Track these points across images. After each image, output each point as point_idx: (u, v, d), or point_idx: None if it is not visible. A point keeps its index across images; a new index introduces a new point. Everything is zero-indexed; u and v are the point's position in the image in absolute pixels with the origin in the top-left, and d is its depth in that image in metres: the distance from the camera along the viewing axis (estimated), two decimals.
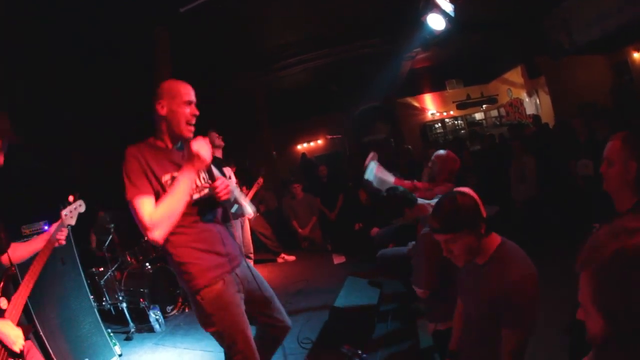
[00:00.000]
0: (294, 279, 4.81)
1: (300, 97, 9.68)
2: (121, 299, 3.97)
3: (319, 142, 11.39)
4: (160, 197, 1.68)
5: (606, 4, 6.37)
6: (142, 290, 4.10)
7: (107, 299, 4.14)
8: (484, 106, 11.29)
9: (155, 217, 1.62)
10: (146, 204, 1.64)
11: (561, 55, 7.96)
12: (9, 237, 1.91)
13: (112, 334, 3.44)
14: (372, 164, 3.09)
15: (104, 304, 4.12)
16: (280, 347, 2.27)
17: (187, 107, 1.80)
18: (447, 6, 5.29)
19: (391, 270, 3.36)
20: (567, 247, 0.85)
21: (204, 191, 1.82)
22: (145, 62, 5.16)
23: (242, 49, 6.89)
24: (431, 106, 11.39)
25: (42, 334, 2.79)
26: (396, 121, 10.95)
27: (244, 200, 1.95)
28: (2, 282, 1.73)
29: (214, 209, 1.86)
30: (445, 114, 11.37)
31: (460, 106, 11.27)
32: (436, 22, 5.56)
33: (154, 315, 3.85)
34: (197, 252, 1.75)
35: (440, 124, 11.46)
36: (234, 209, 1.90)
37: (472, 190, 1.61)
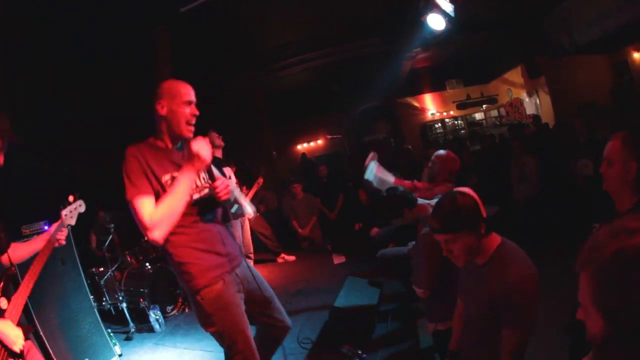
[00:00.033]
0: (294, 279, 4.80)
1: (300, 97, 9.68)
2: (121, 299, 3.97)
3: (319, 142, 11.39)
4: (160, 197, 1.68)
5: (606, 4, 6.37)
6: (142, 290, 4.10)
7: (107, 299, 4.14)
8: (484, 106, 11.29)
9: (155, 217, 1.62)
10: (146, 204, 1.64)
11: (561, 55, 7.96)
12: (9, 237, 1.91)
13: (112, 334, 3.44)
14: (372, 164, 3.10)
15: (104, 304, 4.12)
16: (280, 347, 2.27)
17: (187, 107, 1.79)
18: (447, 6, 5.29)
19: (391, 270, 3.36)
20: (567, 247, 0.85)
21: (204, 191, 1.82)
22: (145, 62, 5.16)
23: (242, 49, 6.89)
24: (431, 106, 11.39)
25: (42, 333, 2.79)
26: (396, 121, 10.95)
27: (244, 200, 1.95)
28: (2, 282, 1.73)
29: (214, 209, 1.86)
30: (445, 114, 11.37)
31: (460, 106, 11.27)
32: (436, 22, 5.57)
33: (154, 315, 3.86)
34: (197, 252, 1.75)
35: (440, 124, 11.46)
36: (234, 209, 1.90)
37: (472, 190, 1.61)
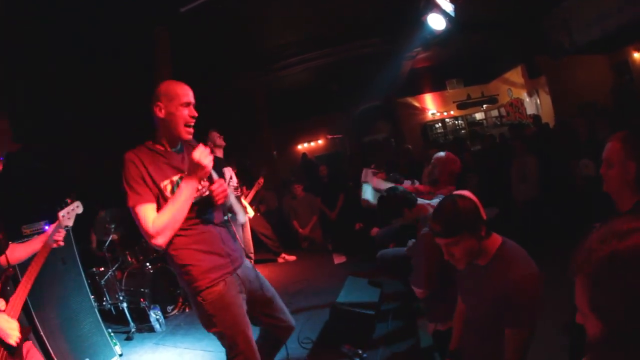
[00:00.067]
0: (295, 279, 4.80)
1: (300, 97, 9.67)
2: (122, 298, 3.97)
3: (320, 142, 11.38)
4: (160, 201, 1.68)
5: (606, 4, 6.36)
6: (142, 290, 4.10)
7: (108, 298, 4.14)
8: (485, 106, 11.28)
9: (158, 224, 1.63)
10: (148, 211, 1.65)
11: (561, 55, 7.95)
12: (7, 237, 1.91)
13: (112, 334, 3.45)
14: (364, 186, 3.09)
15: (104, 303, 4.12)
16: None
17: (185, 108, 1.76)
18: (447, 6, 5.29)
19: (391, 270, 3.36)
20: (568, 247, 0.85)
21: (204, 192, 1.82)
22: (145, 62, 5.16)
23: (242, 49, 6.88)
24: (431, 106, 11.38)
25: (42, 333, 2.80)
26: (396, 121, 10.95)
27: (238, 208, 1.95)
28: (0, 283, 1.73)
29: (212, 209, 1.86)
30: (445, 113, 11.35)
31: (460, 106, 11.26)
32: (436, 22, 5.57)
33: (155, 315, 3.86)
34: (198, 254, 1.75)
35: (440, 124, 11.44)
36: (226, 217, 1.90)
37: (473, 191, 1.62)
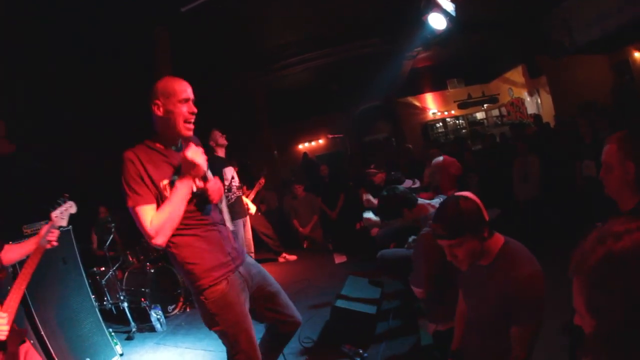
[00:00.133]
0: (295, 279, 4.80)
1: (300, 97, 9.67)
2: (122, 298, 3.97)
3: (320, 141, 11.38)
4: (159, 201, 1.68)
5: (606, 4, 6.36)
6: (143, 289, 4.11)
7: (109, 298, 4.14)
8: (485, 105, 11.28)
9: (156, 224, 1.63)
10: (148, 211, 1.64)
11: (562, 55, 7.95)
12: (3, 239, 1.90)
13: (113, 334, 3.45)
14: (365, 213, 3.10)
15: (105, 303, 4.12)
16: None
17: (183, 105, 1.73)
18: (448, 5, 5.29)
19: (391, 270, 3.36)
20: (568, 247, 0.85)
21: (200, 191, 1.81)
22: (145, 62, 5.16)
23: (242, 49, 6.89)
24: (432, 105, 11.38)
25: (43, 333, 2.80)
26: (397, 121, 10.95)
27: (226, 213, 1.95)
28: None
29: (212, 208, 1.86)
30: (446, 113, 11.36)
31: (461, 105, 11.26)
32: (437, 22, 5.57)
33: (155, 314, 3.86)
34: (201, 252, 1.75)
35: (441, 124, 11.44)
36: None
37: (473, 191, 1.62)
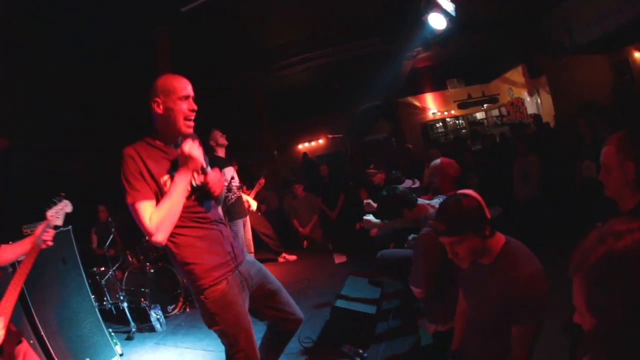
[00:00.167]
0: (295, 279, 4.80)
1: (301, 96, 9.68)
2: (122, 298, 3.97)
3: (320, 141, 11.39)
4: (159, 197, 1.67)
5: (606, 4, 6.36)
6: (143, 289, 4.11)
7: (108, 298, 4.14)
8: (485, 105, 11.28)
9: (155, 220, 1.61)
10: (147, 208, 1.63)
11: (561, 55, 7.95)
12: (1, 238, 1.90)
13: (113, 334, 3.45)
14: (366, 215, 3.14)
15: (105, 303, 4.12)
16: None
17: (183, 102, 1.72)
18: (448, 5, 5.29)
19: (391, 271, 3.36)
20: (568, 247, 0.85)
21: (199, 185, 1.81)
22: (145, 62, 5.16)
23: (242, 49, 6.88)
24: (432, 105, 11.38)
25: (43, 333, 2.80)
26: (397, 120, 10.95)
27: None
28: None
29: (212, 205, 1.86)
30: (446, 113, 11.36)
31: (461, 105, 11.26)
32: (437, 22, 5.57)
33: (155, 314, 3.86)
34: (201, 252, 1.75)
35: (441, 124, 11.45)
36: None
37: (475, 191, 1.62)
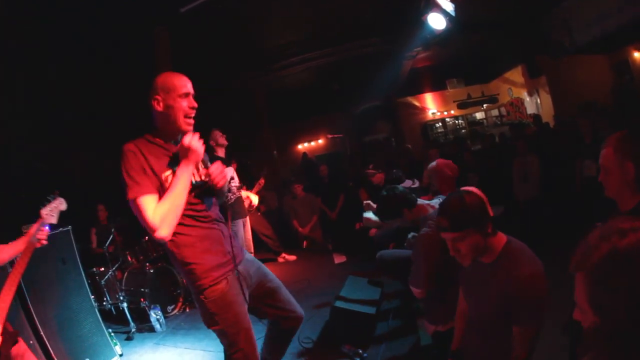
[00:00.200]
0: (295, 279, 4.80)
1: (301, 96, 9.67)
2: (122, 298, 3.97)
3: (320, 141, 11.38)
4: (161, 193, 1.66)
5: (606, 4, 6.36)
6: (142, 290, 4.10)
7: (108, 298, 4.14)
8: (485, 105, 11.27)
9: (158, 214, 1.59)
10: (150, 203, 1.61)
11: (561, 55, 7.95)
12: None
13: (112, 334, 3.45)
14: (366, 213, 3.14)
15: (104, 303, 4.12)
16: None
17: (183, 100, 1.72)
18: (447, 5, 5.29)
19: (391, 271, 3.35)
20: (568, 247, 0.85)
21: (202, 178, 1.81)
22: (145, 62, 5.16)
23: (242, 49, 6.88)
24: (432, 105, 11.38)
25: (42, 333, 2.80)
26: (397, 120, 10.94)
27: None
28: None
29: (212, 203, 1.85)
30: (446, 113, 11.35)
31: (461, 105, 11.25)
32: (437, 22, 5.57)
33: (155, 315, 3.86)
34: (201, 252, 1.74)
35: (441, 124, 11.44)
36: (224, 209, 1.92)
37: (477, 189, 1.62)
